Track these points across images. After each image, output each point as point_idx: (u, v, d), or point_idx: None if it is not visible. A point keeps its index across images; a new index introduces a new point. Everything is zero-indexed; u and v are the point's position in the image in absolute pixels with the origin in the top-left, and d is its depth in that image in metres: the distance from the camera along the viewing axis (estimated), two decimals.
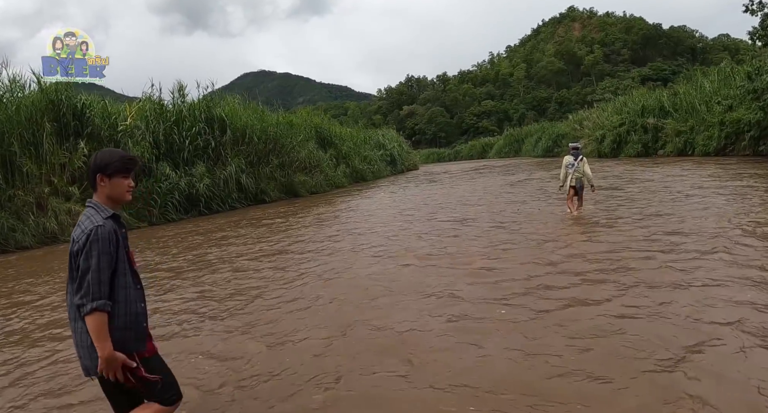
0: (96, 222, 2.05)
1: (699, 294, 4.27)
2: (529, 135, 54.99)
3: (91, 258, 1.99)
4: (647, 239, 6.56)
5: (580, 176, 8.81)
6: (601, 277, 5.03)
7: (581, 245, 6.66)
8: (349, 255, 7.23)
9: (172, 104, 15.89)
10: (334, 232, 9.65)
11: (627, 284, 4.72)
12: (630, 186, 13.32)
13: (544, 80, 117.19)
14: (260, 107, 19.10)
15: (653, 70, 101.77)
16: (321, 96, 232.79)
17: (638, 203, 9.88)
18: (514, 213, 9.98)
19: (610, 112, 34.08)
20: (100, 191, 2.16)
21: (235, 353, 3.82)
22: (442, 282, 5.27)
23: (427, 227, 9.11)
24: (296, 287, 5.66)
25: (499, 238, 7.48)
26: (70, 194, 11.44)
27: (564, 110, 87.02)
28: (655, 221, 7.78)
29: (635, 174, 16.54)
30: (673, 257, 5.56)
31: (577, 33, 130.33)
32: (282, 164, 18.13)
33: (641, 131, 28.87)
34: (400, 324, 4.13)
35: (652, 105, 29.05)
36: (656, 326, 3.68)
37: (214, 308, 5.07)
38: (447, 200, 13.56)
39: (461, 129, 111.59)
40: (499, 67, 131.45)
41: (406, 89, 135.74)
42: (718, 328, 3.55)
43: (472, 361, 3.35)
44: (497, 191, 15.32)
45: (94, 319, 1.99)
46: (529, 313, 4.15)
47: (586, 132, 36.44)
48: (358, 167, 27.20)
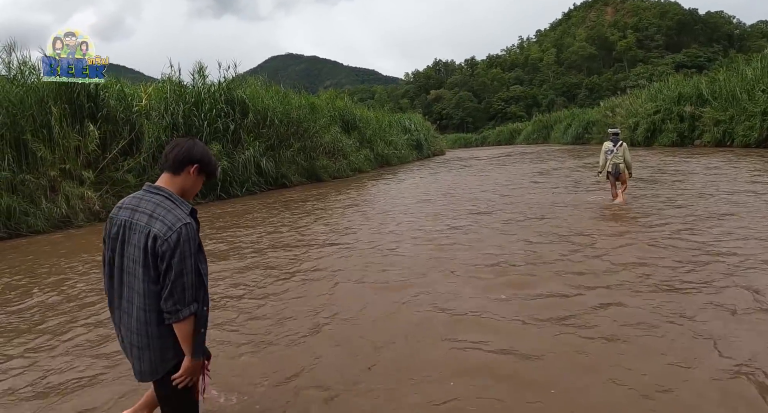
0: (183, 218, 1.88)
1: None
2: (559, 121, 53.82)
3: (185, 260, 1.85)
4: (704, 247, 5.72)
5: (619, 163, 8.60)
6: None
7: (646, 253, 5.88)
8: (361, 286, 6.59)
9: (193, 85, 15.40)
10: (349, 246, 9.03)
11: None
12: (671, 178, 12.12)
13: (574, 66, 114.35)
14: (282, 90, 18.45)
15: (688, 56, 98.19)
16: (348, 79, 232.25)
17: (689, 199, 8.87)
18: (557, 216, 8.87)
19: (644, 99, 32.24)
20: (181, 180, 2.00)
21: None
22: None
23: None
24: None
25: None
26: (84, 179, 11.09)
27: (595, 96, 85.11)
28: (716, 222, 6.87)
29: (674, 165, 15.28)
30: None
31: (610, 17, 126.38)
32: (304, 147, 17.57)
33: (677, 119, 27.16)
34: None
35: (690, 92, 27.22)
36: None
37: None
38: (480, 194, 12.78)
39: (489, 114, 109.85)
40: (529, 52, 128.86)
41: (433, 73, 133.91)
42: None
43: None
44: (527, 182, 14.45)
45: (187, 325, 1.91)
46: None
47: (618, 119, 34.76)
48: (382, 152, 26.51)
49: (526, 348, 3.27)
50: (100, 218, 11.26)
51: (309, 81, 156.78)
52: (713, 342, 3.15)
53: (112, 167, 11.87)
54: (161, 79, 15.15)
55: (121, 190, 11.79)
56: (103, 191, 11.54)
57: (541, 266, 5.19)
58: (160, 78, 15.31)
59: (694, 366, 2.88)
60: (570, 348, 3.23)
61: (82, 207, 10.59)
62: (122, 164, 11.93)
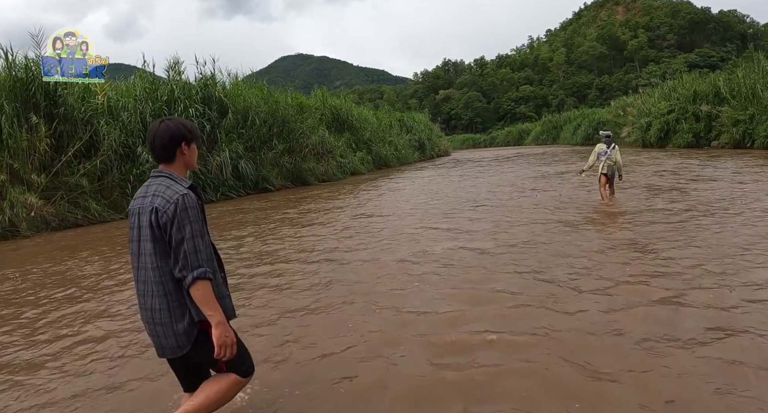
0: (180, 191, 1.98)
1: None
2: (568, 122, 52.88)
3: (184, 228, 1.93)
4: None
5: (612, 164, 8.80)
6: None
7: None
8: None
9: (169, 82, 14.44)
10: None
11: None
12: (695, 186, 10.54)
13: (584, 65, 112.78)
14: (266, 87, 17.42)
15: (700, 56, 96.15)
16: (358, 79, 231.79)
17: (718, 214, 7.22)
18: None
19: (657, 98, 30.59)
20: (179, 160, 2.08)
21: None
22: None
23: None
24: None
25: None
26: (33, 183, 10.15)
27: (605, 96, 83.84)
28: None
29: (694, 170, 13.81)
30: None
31: (621, 17, 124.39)
32: (290, 149, 16.55)
33: (692, 119, 25.64)
34: None
35: (706, 90, 25.64)
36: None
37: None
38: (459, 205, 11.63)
39: (498, 114, 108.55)
40: (539, 52, 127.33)
41: (442, 73, 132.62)
42: None
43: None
44: (519, 190, 13.26)
45: (198, 289, 1.94)
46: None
47: (629, 119, 33.30)
48: (381, 153, 25.43)
49: None
50: (53, 227, 10.35)
51: (319, 81, 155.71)
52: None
53: (67, 171, 10.92)
54: (133, 76, 14.22)
55: (76, 196, 10.85)
56: (57, 196, 10.62)
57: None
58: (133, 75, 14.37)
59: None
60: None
61: (26, 215, 9.62)
62: (77, 168, 10.96)
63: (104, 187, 11.61)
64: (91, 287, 5.55)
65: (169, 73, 14.71)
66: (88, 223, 10.98)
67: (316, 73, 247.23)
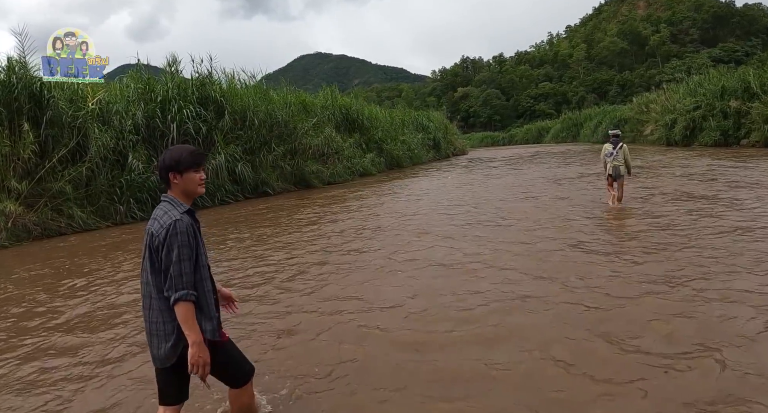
0: (174, 217, 2.09)
1: None
2: (589, 119, 51.39)
3: (172, 252, 2.05)
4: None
5: (619, 165, 8.50)
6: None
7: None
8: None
9: (166, 83, 13.90)
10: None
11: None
12: (740, 194, 9.17)
13: (605, 62, 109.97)
14: (264, 86, 16.78)
15: (724, 51, 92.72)
16: (376, 78, 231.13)
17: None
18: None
19: (682, 94, 28.93)
20: (174, 187, 2.20)
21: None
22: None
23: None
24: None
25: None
26: (14, 190, 9.69)
27: (626, 93, 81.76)
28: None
29: (730, 172, 12.35)
30: None
31: (642, 11, 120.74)
32: (292, 151, 15.90)
33: (720, 115, 24.08)
34: None
35: (735, 86, 24.08)
36: None
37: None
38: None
39: (517, 112, 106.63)
40: (558, 48, 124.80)
41: (461, 71, 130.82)
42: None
43: None
44: (539, 192, 12.36)
45: (179, 309, 2.06)
46: None
47: (653, 116, 31.83)
48: (392, 153, 24.62)
49: None
50: (35, 236, 9.87)
51: (338, 79, 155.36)
52: None
53: (51, 178, 10.43)
54: (125, 77, 13.71)
55: (60, 203, 10.36)
56: (41, 204, 10.15)
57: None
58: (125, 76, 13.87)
59: None
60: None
61: (4, 224, 9.15)
62: (62, 174, 10.46)
63: (90, 193, 11.11)
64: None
65: (166, 72, 14.18)
66: (72, 231, 10.49)
67: (334, 72, 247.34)
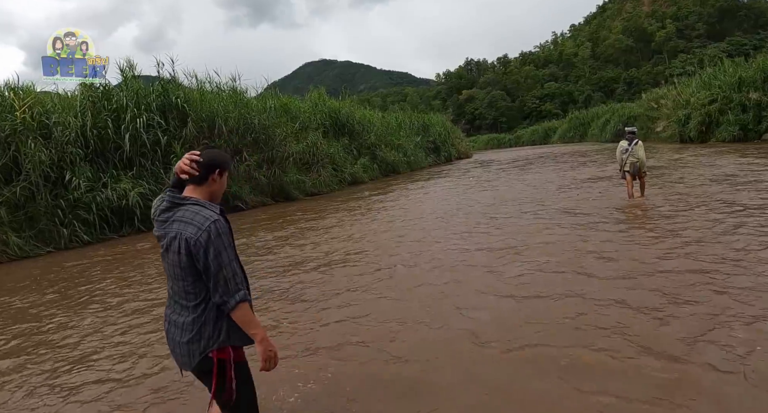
0: (211, 217, 1.92)
1: None
2: (596, 118, 49.72)
3: (220, 254, 1.90)
4: None
5: (636, 161, 8.52)
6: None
7: None
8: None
9: (120, 89, 12.60)
10: None
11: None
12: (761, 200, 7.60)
13: (611, 59, 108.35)
14: (238, 89, 15.40)
15: (732, 45, 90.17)
16: (382, 83, 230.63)
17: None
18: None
19: (695, 87, 27.03)
20: (207, 187, 2.03)
21: None
22: None
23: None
24: None
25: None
26: None
27: (634, 90, 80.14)
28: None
29: (763, 173, 10.45)
30: None
31: (647, 8, 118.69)
32: (269, 159, 14.49)
33: (738, 109, 22.25)
34: None
35: (753, 76, 22.27)
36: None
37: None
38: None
39: (523, 113, 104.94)
40: (563, 48, 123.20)
41: (465, 73, 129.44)
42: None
43: None
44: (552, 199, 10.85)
45: (240, 311, 1.95)
46: None
47: (664, 112, 29.97)
48: (387, 159, 23.15)
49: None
50: None
51: (343, 86, 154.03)
52: None
53: None
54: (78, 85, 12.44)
55: None
56: None
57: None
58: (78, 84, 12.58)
59: None
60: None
61: None
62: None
63: (29, 216, 9.78)
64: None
65: (126, 76, 12.90)
66: (7, 260, 9.18)
67: (340, 78, 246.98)
